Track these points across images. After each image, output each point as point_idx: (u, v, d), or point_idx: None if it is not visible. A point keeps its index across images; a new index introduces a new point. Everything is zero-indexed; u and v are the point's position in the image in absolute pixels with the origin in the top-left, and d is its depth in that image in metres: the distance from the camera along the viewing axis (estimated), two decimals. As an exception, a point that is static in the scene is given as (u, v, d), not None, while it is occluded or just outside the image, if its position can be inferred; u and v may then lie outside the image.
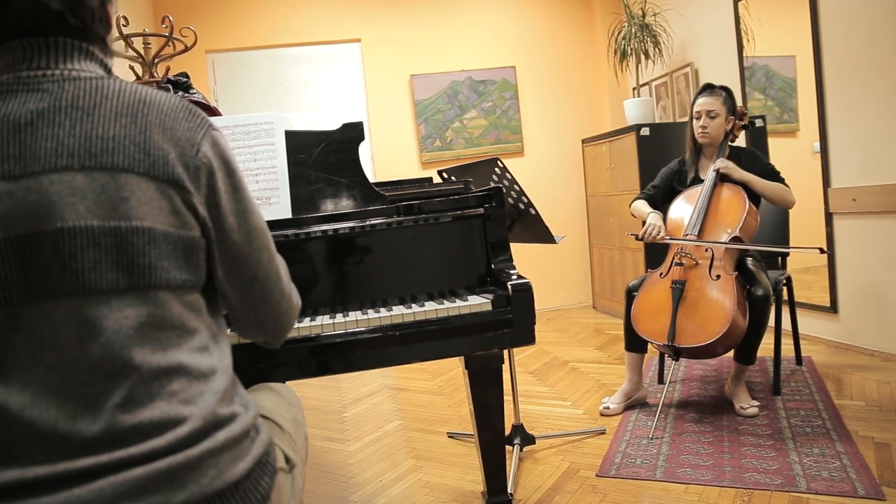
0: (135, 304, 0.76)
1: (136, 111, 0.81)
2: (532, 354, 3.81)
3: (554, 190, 5.17)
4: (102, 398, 0.72)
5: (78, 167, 0.75)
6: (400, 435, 2.67)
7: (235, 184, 0.89)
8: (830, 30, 3.14)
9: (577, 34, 5.25)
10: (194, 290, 0.84)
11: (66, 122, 0.76)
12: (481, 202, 1.63)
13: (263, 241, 0.93)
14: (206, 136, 0.86)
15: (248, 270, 0.91)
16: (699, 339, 2.28)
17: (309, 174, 1.71)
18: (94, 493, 0.68)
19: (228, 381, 0.85)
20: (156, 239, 0.77)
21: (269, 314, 0.95)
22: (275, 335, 1.01)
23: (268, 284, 0.94)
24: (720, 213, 2.50)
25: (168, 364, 0.77)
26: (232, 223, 0.88)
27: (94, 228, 0.74)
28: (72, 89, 0.79)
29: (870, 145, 2.96)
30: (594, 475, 2.08)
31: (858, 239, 3.09)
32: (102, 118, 0.78)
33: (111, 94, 0.81)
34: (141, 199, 0.77)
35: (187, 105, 0.87)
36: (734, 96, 2.67)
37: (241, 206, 0.89)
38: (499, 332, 1.48)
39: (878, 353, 3.01)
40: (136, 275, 0.76)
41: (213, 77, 4.81)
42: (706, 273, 2.39)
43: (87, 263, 0.73)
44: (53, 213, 0.73)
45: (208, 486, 0.74)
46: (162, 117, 0.82)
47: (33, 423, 0.70)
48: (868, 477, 1.85)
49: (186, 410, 0.76)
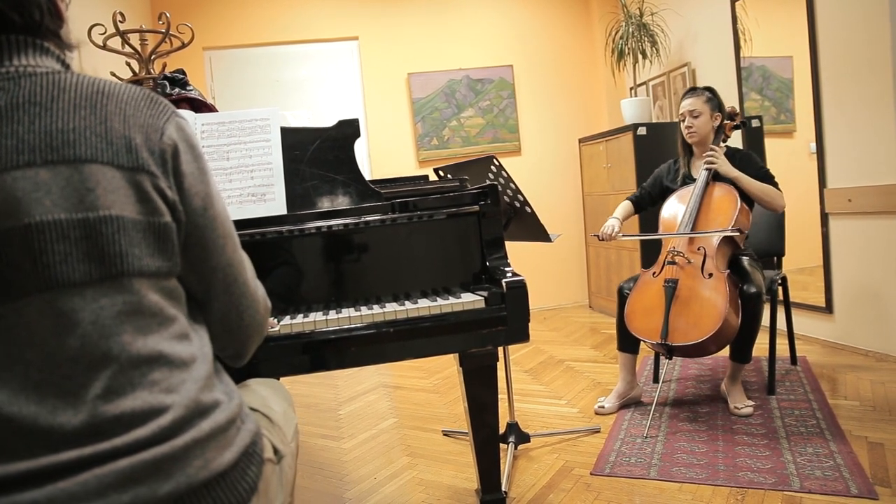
0: (110, 294, 0.75)
1: (95, 102, 0.80)
2: (527, 353, 3.81)
3: (551, 189, 5.17)
4: (83, 390, 0.72)
5: (41, 162, 0.74)
6: (395, 433, 2.67)
7: (202, 167, 0.89)
8: (827, 31, 3.15)
9: (575, 33, 5.26)
10: (170, 277, 0.83)
11: (24, 119, 0.76)
12: (476, 200, 1.63)
13: (227, 229, 0.92)
14: (170, 120, 0.86)
15: (211, 258, 0.89)
16: (692, 337, 2.29)
17: (304, 171, 1.70)
18: (80, 485, 0.68)
19: (209, 368, 0.84)
20: (125, 227, 0.77)
21: (232, 305, 0.93)
22: (239, 333, 0.95)
23: (231, 273, 0.92)
24: (712, 212, 2.50)
25: (148, 353, 0.76)
26: (197, 206, 0.87)
27: (62, 221, 0.73)
28: (28, 85, 0.78)
29: (866, 146, 2.97)
30: (588, 473, 2.08)
31: (854, 239, 3.09)
32: (61, 111, 0.78)
33: (68, 87, 0.80)
34: (107, 188, 0.77)
35: (148, 93, 0.86)
36: (718, 94, 2.68)
37: (206, 190, 0.88)
38: (493, 329, 1.47)
39: (872, 354, 3.02)
40: (107, 264, 0.75)
41: (210, 74, 4.80)
42: (698, 271, 2.40)
43: (57, 257, 0.73)
44: (20, 210, 0.72)
45: (195, 476, 0.74)
46: (122, 106, 0.82)
47: (13, 419, 0.69)
48: (861, 476, 1.86)
49: (168, 399, 0.76)
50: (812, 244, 3.31)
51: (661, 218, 2.66)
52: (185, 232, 0.86)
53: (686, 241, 2.50)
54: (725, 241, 2.45)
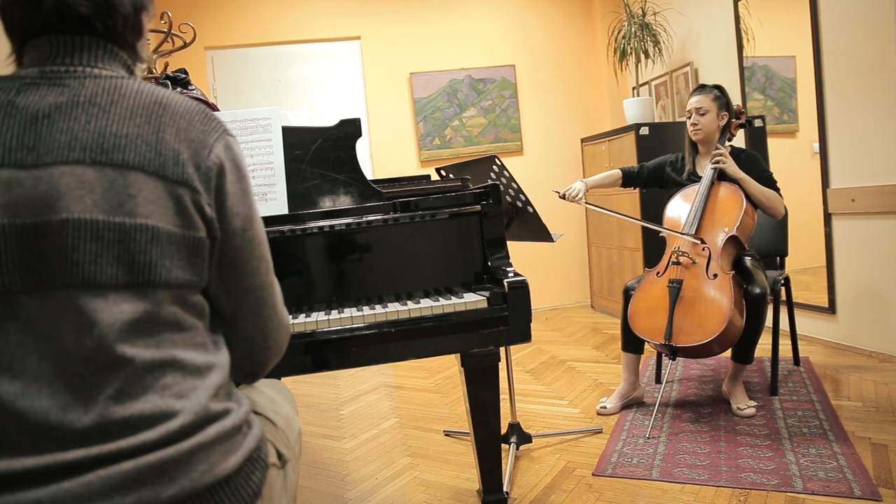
0: (132, 301, 0.76)
1: (151, 112, 0.82)
2: (529, 353, 3.80)
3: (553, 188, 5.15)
4: (95, 390, 0.72)
5: (89, 161, 0.76)
6: (396, 433, 2.66)
7: (245, 188, 0.90)
8: (830, 30, 3.14)
9: (577, 33, 5.25)
10: (196, 291, 0.84)
11: (81, 117, 0.78)
12: (478, 199, 1.62)
13: (263, 252, 0.93)
14: (220, 139, 0.87)
15: (245, 278, 0.90)
16: (696, 338, 2.28)
17: (306, 170, 1.70)
18: (83, 486, 0.68)
19: (223, 378, 0.84)
20: (159, 238, 0.78)
21: (258, 327, 0.93)
22: (261, 354, 0.95)
23: (262, 296, 0.92)
24: (717, 212, 2.49)
25: (162, 358, 0.76)
26: (237, 226, 0.87)
27: (99, 222, 0.75)
28: (91, 86, 0.81)
29: (869, 146, 2.96)
30: (590, 474, 2.08)
31: (857, 240, 3.08)
32: (117, 116, 0.80)
33: (129, 93, 0.82)
34: (148, 198, 0.78)
35: (204, 109, 0.88)
36: (726, 93, 2.65)
37: (247, 212, 0.89)
38: (495, 329, 1.47)
39: (875, 354, 3.01)
40: (135, 272, 0.76)
41: (212, 74, 4.80)
42: (703, 272, 2.39)
43: (88, 256, 0.74)
44: (60, 204, 0.74)
45: (198, 480, 0.74)
46: (177, 119, 0.84)
47: (24, 412, 0.69)
48: (865, 477, 1.85)
49: (178, 404, 0.76)
50: (815, 244, 3.30)
51: (666, 217, 2.65)
52: (220, 251, 0.87)
53: (690, 240, 2.48)
54: (730, 240, 2.43)
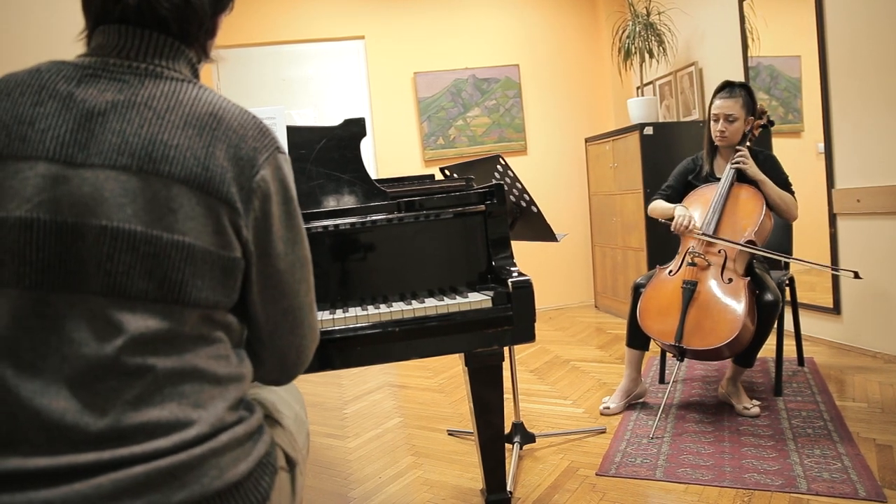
0: (159, 317, 0.75)
1: (205, 124, 0.80)
2: (533, 353, 3.80)
3: (557, 188, 5.16)
4: (113, 395, 0.72)
5: (136, 169, 0.75)
6: (400, 432, 2.67)
7: (291, 211, 0.88)
8: (836, 30, 3.13)
9: (581, 32, 5.24)
10: (224, 310, 0.83)
11: (135, 120, 0.77)
12: (482, 199, 1.63)
13: (305, 274, 0.92)
14: (270, 158, 0.85)
15: (284, 300, 0.89)
16: (708, 342, 2.25)
17: (310, 170, 1.70)
18: (94, 489, 0.68)
19: (243, 392, 0.84)
20: (194, 256, 0.77)
21: (294, 345, 0.93)
22: (293, 368, 0.96)
23: (300, 316, 0.92)
24: (737, 215, 2.45)
25: (183, 367, 0.76)
26: (280, 250, 0.86)
27: (137, 234, 0.74)
28: (151, 87, 0.80)
29: (874, 146, 2.95)
30: (594, 474, 2.08)
31: (862, 240, 3.07)
32: (171, 124, 0.78)
33: (186, 100, 0.81)
34: (188, 214, 0.77)
35: (259, 124, 0.86)
36: (754, 94, 2.59)
37: (291, 235, 0.88)
38: (499, 329, 1.47)
39: (880, 355, 3.00)
40: (166, 289, 0.75)
41: (216, 73, 4.81)
42: (718, 275, 2.36)
43: (121, 267, 0.73)
44: (101, 210, 0.73)
45: (209, 485, 0.74)
46: (230, 134, 0.82)
47: (41, 411, 0.69)
48: (870, 479, 1.84)
49: (195, 414, 0.75)
50: (820, 245, 3.29)
51: None
52: (263, 273, 0.86)
53: (705, 241, 2.46)
54: (748, 244, 2.39)
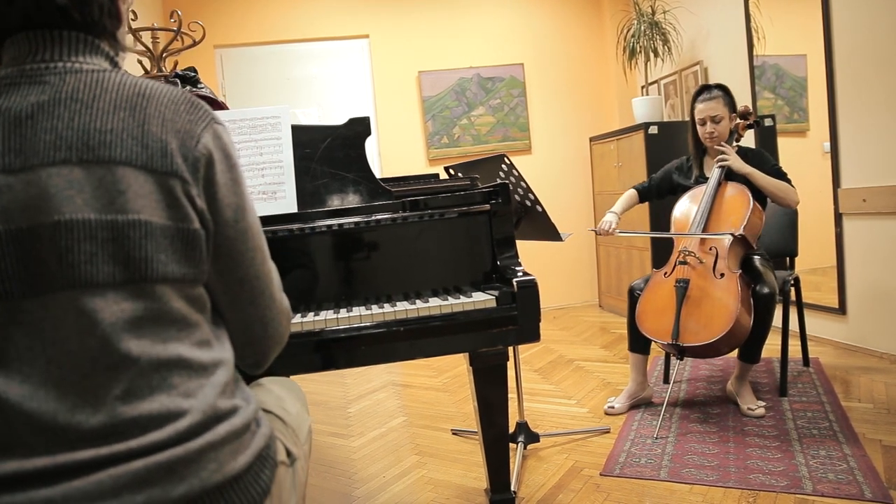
0: (131, 298, 0.75)
1: (135, 104, 0.80)
2: (537, 352, 3.80)
3: (561, 188, 5.15)
4: (102, 391, 0.72)
5: (76, 160, 0.75)
6: (404, 431, 2.67)
7: (235, 178, 0.88)
8: (842, 29, 3.11)
9: (586, 31, 5.23)
10: (196, 284, 0.83)
11: (65, 115, 0.77)
12: (487, 198, 1.62)
13: (258, 242, 0.92)
14: (208, 127, 0.85)
15: (239, 269, 0.89)
16: (703, 337, 2.27)
17: (315, 169, 1.70)
18: (94, 485, 0.68)
19: (229, 375, 0.84)
20: (152, 232, 0.77)
21: (256, 317, 0.92)
22: (262, 344, 0.95)
23: (258, 286, 0.91)
24: (724, 212, 2.48)
25: (168, 356, 0.76)
26: (228, 217, 0.86)
27: (91, 221, 0.74)
28: (73, 82, 0.79)
29: (881, 145, 2.94)
30: (598, 474, 2.07)
31: (868, 240, 3.06)
32: (101, 111, 0.78)
33: (111, 87, 0.81)
34: (138, 193, 0.77)
35: (189, 98, 0.86)
36: (731, 92, 2.66)
37: (239, 202, 0.88)
38: (503, 328, 1.47)
39: (886, 356, 2.98)
40: (131, 268, 0.75)
41: (221, 72, 4.82)
42: (710, 272, 2.38)
43: (83, 256, 0.73)
44: (51, 206, 0.73)
45: (208, 479, 0.74)
46: (162, 109, 0.82)
47: (33, 414, 0.70)
48: (875, 480, 1.84)
49: (186, 403, 0.76)
50: (825, 244, 3.28)
51: (673, 217, 2.64)
52: (214, 242, 0.86)
53: (698, 240, 2.48)
54: (737, 241, 2.43)
